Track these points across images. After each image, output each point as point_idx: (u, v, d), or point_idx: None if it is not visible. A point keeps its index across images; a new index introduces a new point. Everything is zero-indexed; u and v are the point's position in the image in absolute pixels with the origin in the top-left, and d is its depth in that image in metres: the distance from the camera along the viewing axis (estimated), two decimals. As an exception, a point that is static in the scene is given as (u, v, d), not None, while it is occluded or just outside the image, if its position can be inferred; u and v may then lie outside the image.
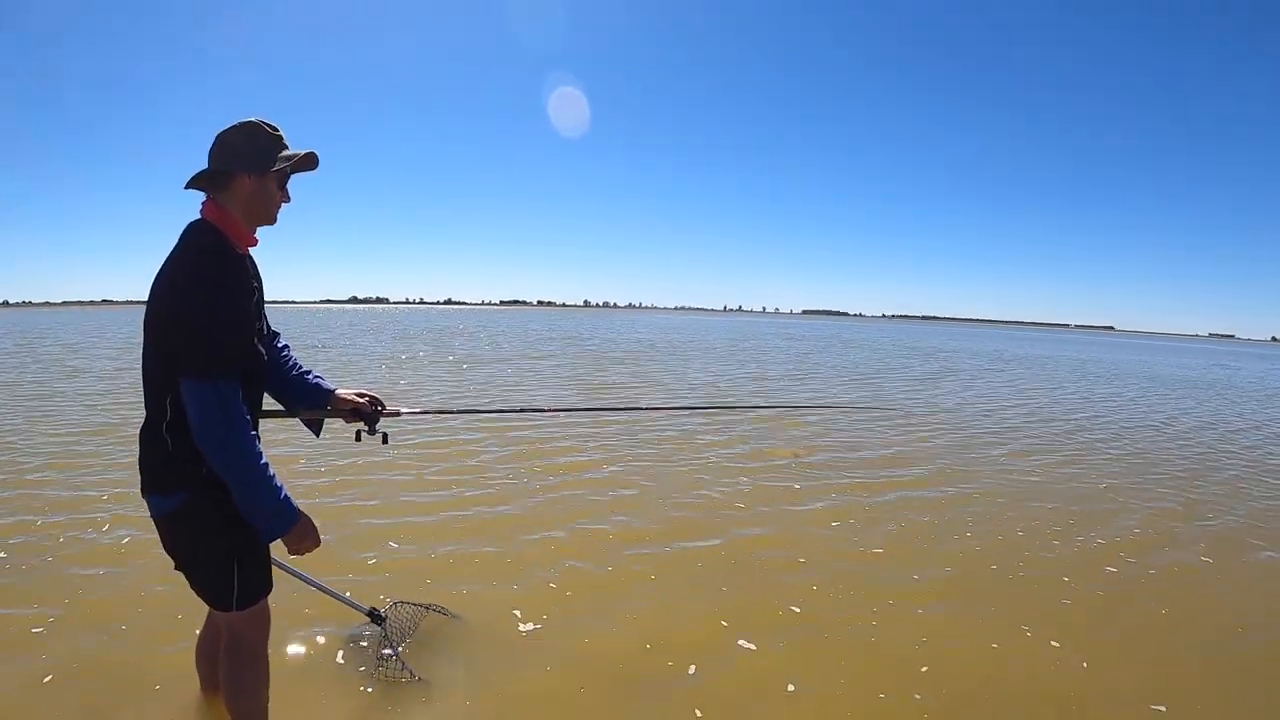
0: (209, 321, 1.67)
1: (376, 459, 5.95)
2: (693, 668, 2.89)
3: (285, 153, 1.85)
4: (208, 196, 1.84)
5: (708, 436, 7.61)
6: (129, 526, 4.25)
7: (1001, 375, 18.55)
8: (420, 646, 2.92)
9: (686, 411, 9.00)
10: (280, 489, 1.79)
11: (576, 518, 4.74)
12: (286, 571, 2.60)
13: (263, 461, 1.76)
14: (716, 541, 4.35)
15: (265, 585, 1.98)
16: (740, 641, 3.10)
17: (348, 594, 2.95)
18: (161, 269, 1.79)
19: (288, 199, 1.91)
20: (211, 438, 1.69)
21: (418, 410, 2.65)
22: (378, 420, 2.22)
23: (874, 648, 3.10)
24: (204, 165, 1.83)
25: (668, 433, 7.68)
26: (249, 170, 1.81)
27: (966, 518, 5.03)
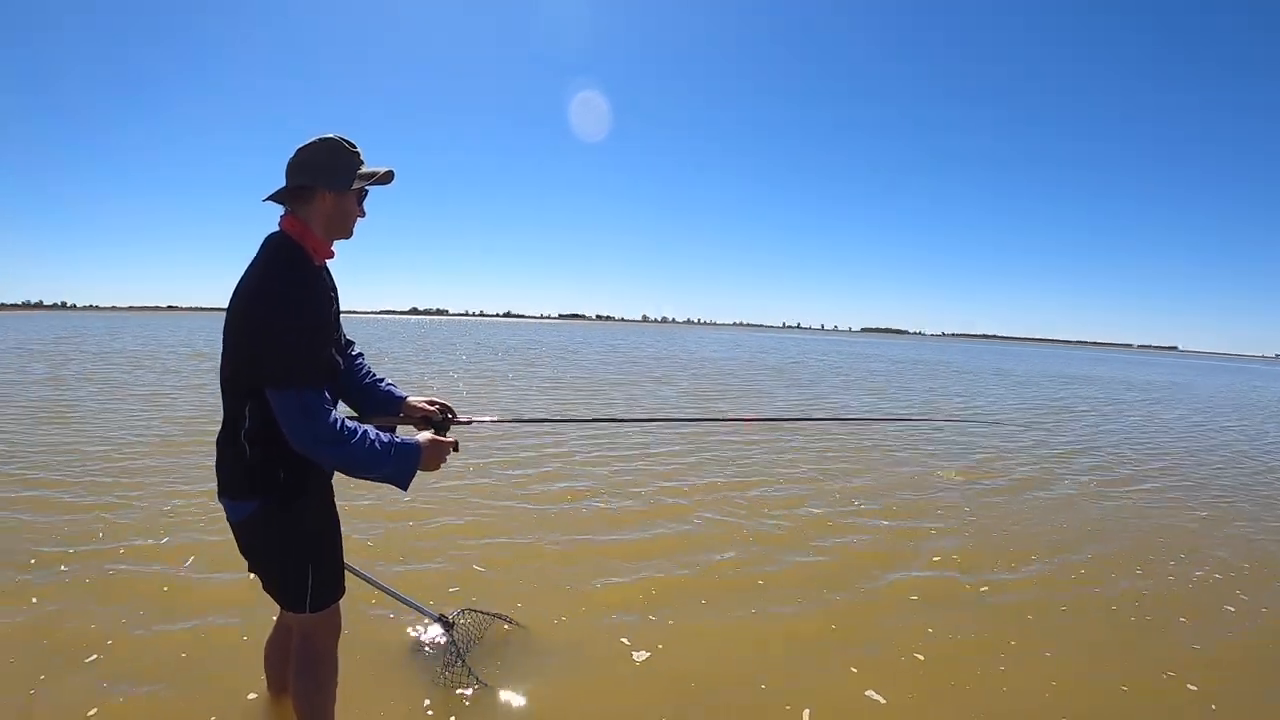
0: (291, 332, 1.70)
1: (458, 471, 5.79)
2: (807, 712, 2.57)
3: (363, 170, 1.87)
4: (287, 210, 1.86)
5: (812, 449, 7.16)
6: (190, 531, 4.18)
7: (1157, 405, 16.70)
8: (488, 655, 2.86)
9: (790, 428, 8.53)
10: (388, 449, 1.79)
11: (676, 539, 4.43)
12: (359, 576, 2.60)
13: (355, 440, 1.74)
14: (824, 573, 3.95)
15: (338, 589, 2.02)
16: (868, 692, 2.73)
17: (417, 600, 2.93)
18: (242, 280, 1.81)
19: (363, 214, 1.94)
20: (304, 442, 1.71)
21: (488, 419, 2.77)
22: (448, 428, 2.19)
23: (1008, 698, 2.75)
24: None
25: (757, 452, 7.19)
26: (330, 188, 1.83)
27: (1081, 556, 4.54)
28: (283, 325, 1.69)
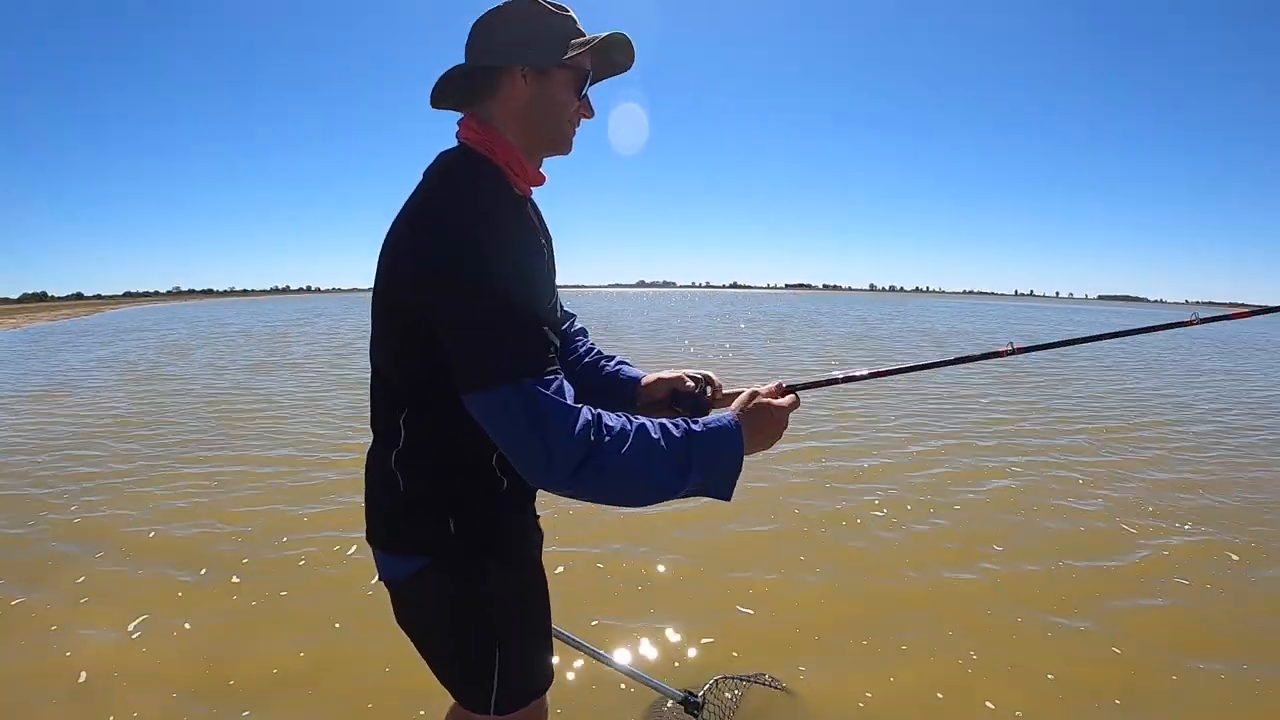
0: (491, 298, 1.04)
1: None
2: None
3: (580, 39, 1.18)
4: (465, 115, 1.22)
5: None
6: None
7: None
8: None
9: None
10: (687, 442, 1.09)
11: (1019, 579, 3.43)
12: (571, 645, 2.08)
13: (626, 447, 1.05)
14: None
15: (541, 680, 1.37)
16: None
17: (652, 676, 2.38)
18: (398, 223, 1.16)
19: (589, 113, 1.25)
20: (541, 472, 1.04)
21: (771, 386, 1.46)
22: (709, 408, 1.44)
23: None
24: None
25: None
26: (527, 63, 1.16)
27: None
28: (474, 281, 1.03)
